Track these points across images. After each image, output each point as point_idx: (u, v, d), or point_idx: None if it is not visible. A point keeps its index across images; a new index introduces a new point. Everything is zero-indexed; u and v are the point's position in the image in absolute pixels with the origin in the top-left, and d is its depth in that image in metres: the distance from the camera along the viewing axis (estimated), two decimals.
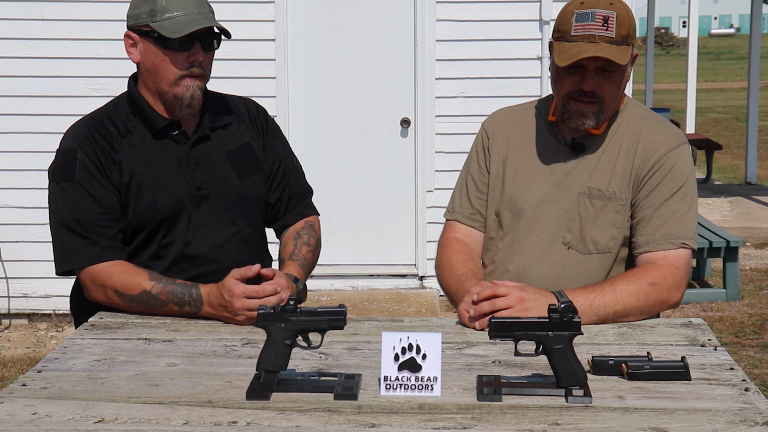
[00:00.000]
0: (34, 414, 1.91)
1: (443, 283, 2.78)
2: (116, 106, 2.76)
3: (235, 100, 2.91)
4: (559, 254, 2.69)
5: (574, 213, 2.68)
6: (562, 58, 2.56)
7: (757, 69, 11.84)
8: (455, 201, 2.89)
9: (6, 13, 6.36)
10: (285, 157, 2.91)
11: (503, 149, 2.81)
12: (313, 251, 2.86)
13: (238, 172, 2.78)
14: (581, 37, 2.55)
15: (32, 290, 6.48)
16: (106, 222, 2.65)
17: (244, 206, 2.81)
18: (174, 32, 2.59)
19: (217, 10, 2.67)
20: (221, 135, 2.79)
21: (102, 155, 2.67)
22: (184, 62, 2.63)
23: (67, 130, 2.75)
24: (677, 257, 2.60)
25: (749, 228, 9.18)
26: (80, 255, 2.63)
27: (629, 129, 2.71)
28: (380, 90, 6.59)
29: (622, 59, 2.54)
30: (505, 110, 2.92)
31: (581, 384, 1.98)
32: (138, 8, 2.66)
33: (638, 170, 2.65)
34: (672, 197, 2.63)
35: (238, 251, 2.78)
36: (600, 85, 2.59)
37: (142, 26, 2.64)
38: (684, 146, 2.69)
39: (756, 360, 5.61)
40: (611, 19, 2.54)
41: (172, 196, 2.70)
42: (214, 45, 2.69)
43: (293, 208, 2.91)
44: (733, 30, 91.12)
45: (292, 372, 2.11)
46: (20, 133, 6.37)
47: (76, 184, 2.64)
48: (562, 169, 2.72)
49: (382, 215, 6.72)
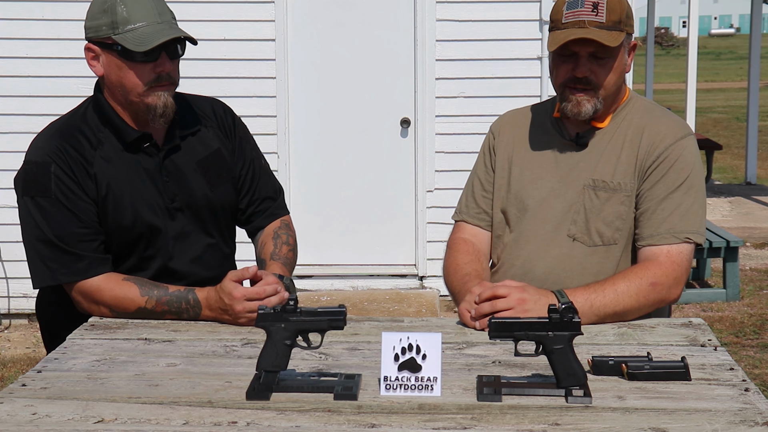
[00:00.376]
0: (34, 414, 1.91)
1: (448, 283, 2.79)
2: (84, 115, 2.67)
3: (201, 102, 2.82)
4: (564, 246, 2.69)
5: (578, 205, 2.69)
6: (552, 44, 2.60)
7: (757, 69, 11.84)
8: (462, 202, 2.92)
9: (6, 13, 6.36)
10: (254, 158, 2.85)
11: (509, 148, 2.83)
12: (293, 250, 2.84)
13: (209, 181, 2.73)
14: (571, 23, 2.58)
15: (32, 290, 6.45)
16: (89, 236, 2.60)
17: (216, 217, 2.78)
18: (139, 45, 2.50)
19: (217, 10, 2.66)
20: (191, 143, 2.73)
21: (76, 168, 2.59)
22: (151, 73, 2.55)
23: (34, 141, 2.66)
24: (680, 253, 2.60)
25: (749, 228, 9.17)
26: (65, 270, 2.58)
27: (633, 121, 2.71)
28: (380, 90, 6.59)
29: (612, 42, 2.55)
30: (512, 111, 2.95)
31: (581, 384, 1.98)
32: (97, 19, 2.56)
33: (643, 161, 2.65)
34: (677, 190, 2.62)
35: (213, 262, 2.77)
36: (594, 72, 2.61)
37: (104, 38, 2.55)
38: (689, 138, 2.68)
39: (756, 360, 5.61)
40: (601, 5, 2.57)
41: (148, 208, 2.66)
42: (179, 52, 2.60)
43: (265, 209, 2.87)
44: (733, 30, 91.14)
45: (292, 372, 2.10)
46: (20, 133, 6.34)
47: (53, 198, 2.56)
48: (566, 164, 2.73)
49: (382, 215, 6.71)
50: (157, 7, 2.56)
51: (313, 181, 6.68)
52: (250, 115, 6.14)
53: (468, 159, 6.30)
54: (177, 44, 2.59)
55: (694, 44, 7.59)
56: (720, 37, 75.56)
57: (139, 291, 2.56)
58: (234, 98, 6.33)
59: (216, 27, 6.33)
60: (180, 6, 6.12)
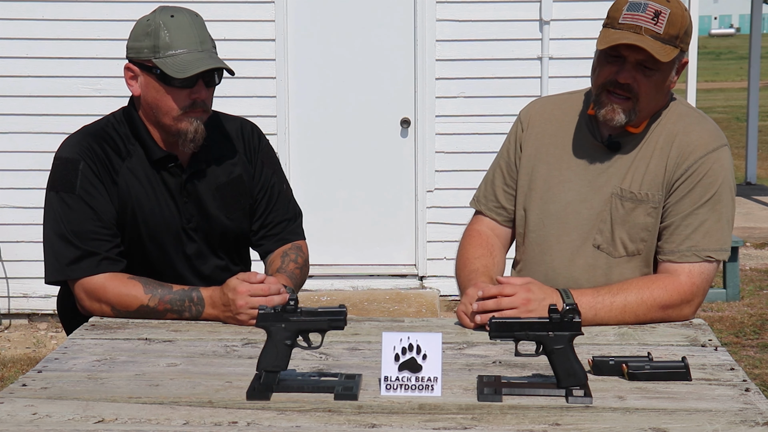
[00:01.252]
0: (34, 414, 1.91)
1: (457, 276, 2.75)
2: (116, 125, 2.72)
3: (231, 124, 2.85)
4: (589, 257, 2.63)
5: (605, 214, 2.61)
6: (603, 42, 2.49)
7: (757, 69, 11.83)
8: (482, 190, 2.84)
9: (6, 13, 6.36)
10: (274, 184, 2.87)
11: (537, 142, 2.73)
12: (301, 269, 2.84)
13: (226, 207, 2.77)
14: (628, 26, 2.47)
15: (32, 290, 6.48)
16: (105, 236, 2.63)
17: (228, 241, 2.83)
18: (178, 72, 2.55)
19: (217, 10, 2.67)
20: (215, 168, 2.77)
21: (103, 171, 2.65)
22: (186, 99, 2.60)
23: (67, 139, 2.71)
24: (700, 273, 2.54)
25: (749, 228, 9.17)
26: (76, 266, 2.60)
27: (666, 127, 2.61)
28: (380, 90, 6.59)
29: (664, 56, 2.45)
30: (544, 99, 2.85)
31: (582, 384, 1.98)
32: (140, 41, 2.61)
33: (672, 173, 2.56)
34: (702, 206, 2.54)
35: (218, 283, 2.78)
36: (637, 81, 2.50)
37: (144, 61, 2.61)
38: (722, 149, 2.58)
39: (756, 360, 5.61)
40: (663, 15, 2.46)
41: (165, 226, 2.71)
42: (216, 80, 2.65)
43: (277, 234, 2.88)
44: (733, 30, 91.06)
45: (292, 372, 2.10)
46: (20, 133, 6.36)
47: (77, 195, 2.61)
48: (596, 168, 2.64)
49: (382, 215, 6.71)
50: (199, 35, 2.61)
51: (312, 181, 6.68)
52: (250, 115, 6.05)
53: (468, 159, 6.37)
54: (214, 72, 2.63)
55: (694, 44, 7.57)
56: (720, 37, 75.51)
57: (143, 289, 2.57)
58: (234, 98, 6.37)
59: (216, 27, 6.29)
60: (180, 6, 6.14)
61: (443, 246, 6.48)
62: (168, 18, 2.59)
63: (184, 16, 2.61)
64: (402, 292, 6.59)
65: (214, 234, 2.79)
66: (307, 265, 2.89)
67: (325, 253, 6.60)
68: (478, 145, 6.33)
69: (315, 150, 6.64)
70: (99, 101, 5.98)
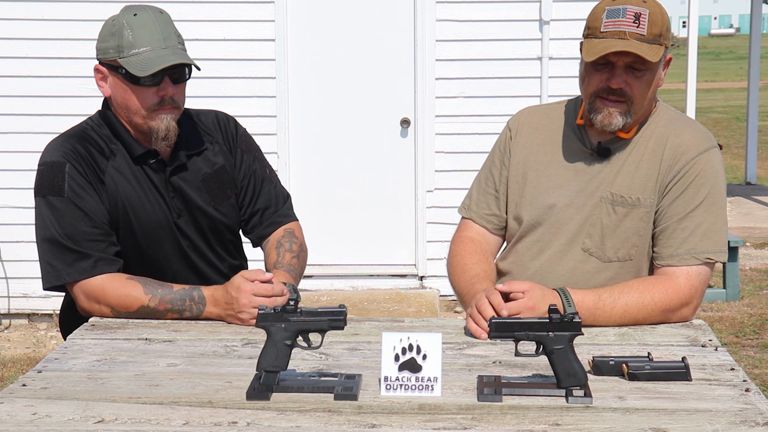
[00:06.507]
0: (34, 414, 1.91)
1: (454, 283, 2.74)
2: (96, 128, 2.73)
3: (206, 118, 2.86)
4: (579, 260, 2.64)
5: (595, 219, 2.62)
6: (590, 54, 2.50)
7: (757, 69, 11.83)
8: (472, 198, 2.84)
9: (6, 13, 6.36)
10: (256, 170, 2.87)
11: (526, 150, 2.74)
12: (298, 257, 2.84)
13: (213, 198, 2.79)
14: (611, 33, 2.49)
15: (32, 290, 6.47)
16: (99, 236, 2.62)
17: (220, 232, 2.83)
18: (141, 70, 2.56)
19: (217, 10, 2.67)
20: (197, 161, 2.78)
21: (90, 171, 2.64)
22: (154, 97, 2.61)
23: (48, 145, 2.70)
24: (698, 275, 2.54)
25: (749, 228, 9.17)
26: (70, 270, 2.59)
27: (656, 131, 2.63)
28: (380, 90, 6.59)
29: (653, 57, 2.48)
30: (532, 109, 2.86)
31: (582, 384, 1.98)
32: (105, 42, 2.63)
33: (664, 175, 2.57)
34: (698, 207, 2.55)
35: (215, 275, 2.81)
36: (629, 84, 2.52)
37: (111, 61, 2.63)
38: (712, 150, 2.59)
39: (756, 360, 5.61)
40: (643, 16, 2.49)
41: (156, 222, 2.71)
42: (186, 76, 2.65)
43: (268, 218, 2.88)
44: (733, 30, 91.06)
45: (292, 372, 2.10)
46: (20, 133, 6.36)
47: (66, 197, 2.60)
48: (586, 174, 2.65)
49: (382, 215, 6.71)
50: (163, 32, 2.60)
51: (313, 181, 6.68)
52: (250, 115, 6.15)
53: (468, 159, 6.37)
54: (185, 67, 2.64)
55: (694, 44, 7.58)
56: (720, 37, 75.53)
57: (143, 289, 2.57)
58: (234, 98, 6.38)
59: (216, 27, 6.33)
60: (180, 6, 6.14)
61: (443, 246, 6.44)
62: (131, 17, 2.60)
63: (147, 14, 2.61)
64: (402, 292, 6.59)
65: (205, 227, 2.79)
66: (303, 250, 2.88)
67: (325, 252, 6.60)
68: (478, 145, 6.33)
69: (315, 150, 6.64)
70: (99, 101, 5.96)
